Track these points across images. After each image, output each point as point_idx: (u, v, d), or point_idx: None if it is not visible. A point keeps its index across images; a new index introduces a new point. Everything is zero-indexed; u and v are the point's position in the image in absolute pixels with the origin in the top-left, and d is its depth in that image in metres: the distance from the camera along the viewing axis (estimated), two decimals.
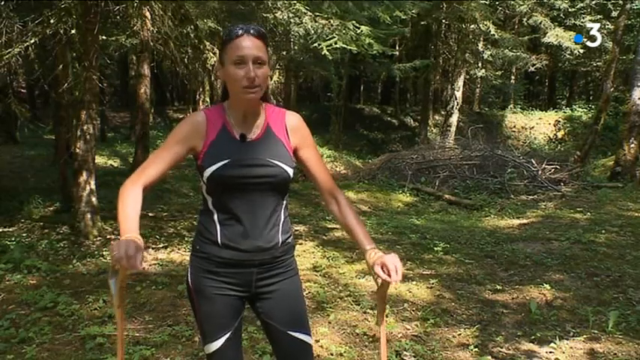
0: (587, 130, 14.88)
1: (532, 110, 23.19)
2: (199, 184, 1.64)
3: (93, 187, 5.30)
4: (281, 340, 1.64)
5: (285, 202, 1.63)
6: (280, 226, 1.60)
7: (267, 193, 1.55)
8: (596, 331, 3.29)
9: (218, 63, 1.56)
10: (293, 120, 1.63)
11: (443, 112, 18.89)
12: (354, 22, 6.31)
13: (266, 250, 1.57)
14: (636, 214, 7.07)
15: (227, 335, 1.59)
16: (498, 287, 4.21)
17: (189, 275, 1.62)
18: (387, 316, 3.51)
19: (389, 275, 1.49)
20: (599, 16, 18.97)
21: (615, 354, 2.99)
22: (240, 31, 1.48)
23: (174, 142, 1.55)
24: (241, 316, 1.65)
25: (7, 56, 4.59)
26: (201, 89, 14.85)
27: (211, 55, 6.05)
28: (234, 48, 1.47)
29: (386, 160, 12.83)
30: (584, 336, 3.21)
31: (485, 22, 15.10)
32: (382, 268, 1.50)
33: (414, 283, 4.31)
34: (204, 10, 5.96)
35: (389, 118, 21.45)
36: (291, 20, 6.21)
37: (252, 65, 1.47)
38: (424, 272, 4.67)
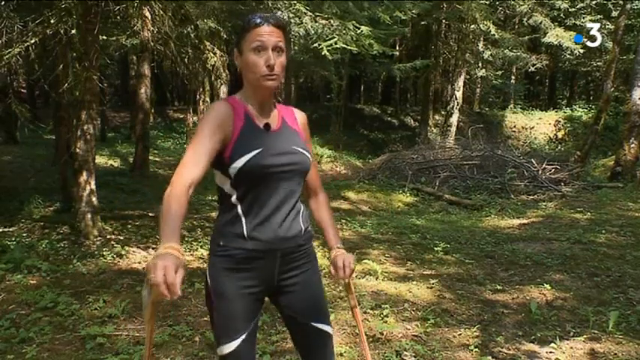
0: (587, 130, 14.88)
1: (532, 110, 23.20)
2: (216, 180, 1.56)
3: (93, 187, 5.29)
4: (303, 332, 1.65)
5: (301, 191, 1.66)
6: (301, 214, 1.63)
7: (291, 182, 1.57)
8: (596, 331, 3.29)
9: (236, 51, 1.54)
10: (302, 116, 1.71)
11: (443, 112, 18.90)
12: (354, 22, 6.31)
13: (290, 239, 1.58)
14: (636, 214, 7.07)
15: (243, 336, 1.55)
16: (499, 287, 4.21)
17: (208, 277, 1.58)
18: (387, 316, 3.52)
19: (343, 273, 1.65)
20: (599, 16, 19.00)
21: (615, 354, 2.99)
22: (260, 20, 1.48)
23: (211, 133, 1.45)
24: (258, 317, 1.62)
25: (7, 56, 4.58)
26: (201, 89, 14.82)
27: (211, 55, 6.05)
28: (254, 35, 1.47)
29: (386, 160, 12.83)
30: (585, 336, 3.21)
31: (485, 22, 15.10)
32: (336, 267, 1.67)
33: (415, 283, 4.31)
34: (204, 10, 5.96)
35: (389, 118, 21.45)
36: (292, 20, 6.21)
37: (272, 53, 1.47)
38: (424, 272, 4.68)
